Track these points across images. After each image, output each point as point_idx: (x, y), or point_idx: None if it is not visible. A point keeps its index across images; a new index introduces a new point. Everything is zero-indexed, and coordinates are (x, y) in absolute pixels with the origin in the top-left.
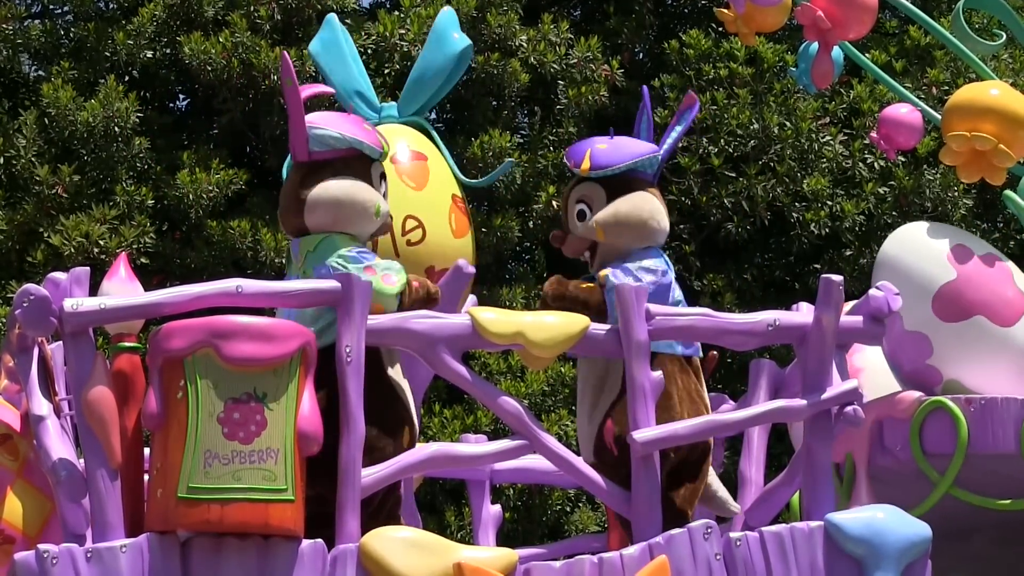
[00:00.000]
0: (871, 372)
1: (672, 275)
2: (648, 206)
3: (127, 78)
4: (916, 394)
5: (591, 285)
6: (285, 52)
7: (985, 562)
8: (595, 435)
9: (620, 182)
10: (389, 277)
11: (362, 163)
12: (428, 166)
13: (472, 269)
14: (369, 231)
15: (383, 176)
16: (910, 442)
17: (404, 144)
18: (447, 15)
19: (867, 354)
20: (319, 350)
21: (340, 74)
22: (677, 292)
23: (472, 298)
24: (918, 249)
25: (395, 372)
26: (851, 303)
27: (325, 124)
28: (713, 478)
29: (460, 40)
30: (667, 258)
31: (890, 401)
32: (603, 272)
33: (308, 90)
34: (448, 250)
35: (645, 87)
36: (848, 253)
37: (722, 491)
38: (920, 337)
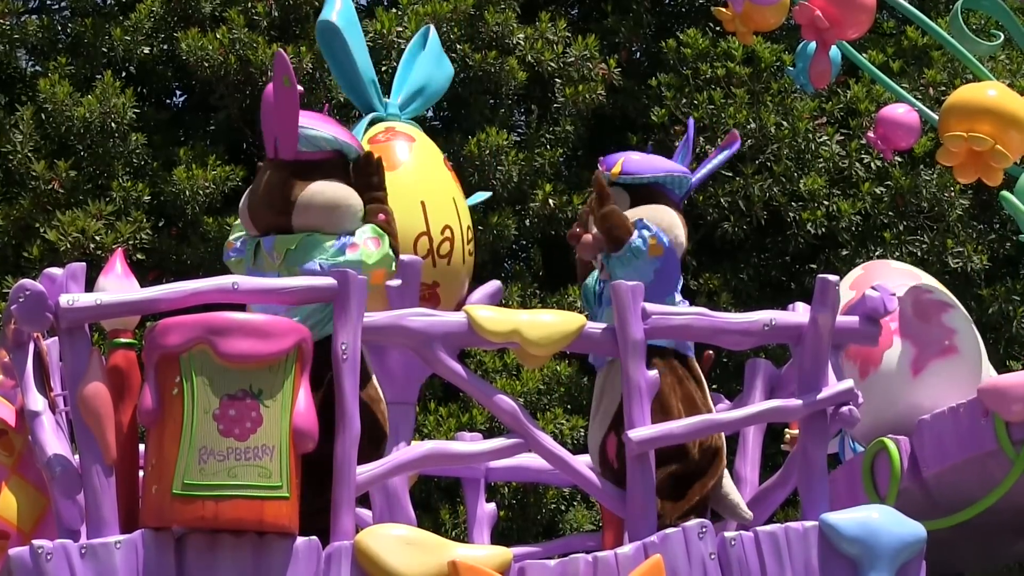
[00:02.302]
0: (964, 334)
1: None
2: (668, 218)
3: (124, 74)
4: None
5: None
6: (282, 51)
7: None
8: (599, 444)
9: (646, 192)
10: (374, 243)
11: (344, 165)
12: None
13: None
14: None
15: None
16: None
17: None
18: (433, 33)
19: (960, 312)
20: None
21: (362, 59)
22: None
23: (497, 284)
24: None
25: (373, 387)
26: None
27: (315, 125)
28: (728, 483)
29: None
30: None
31: None
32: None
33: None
34: None
35: (691, 120)
36: (844, 253)
37: (734, 495)
38: None
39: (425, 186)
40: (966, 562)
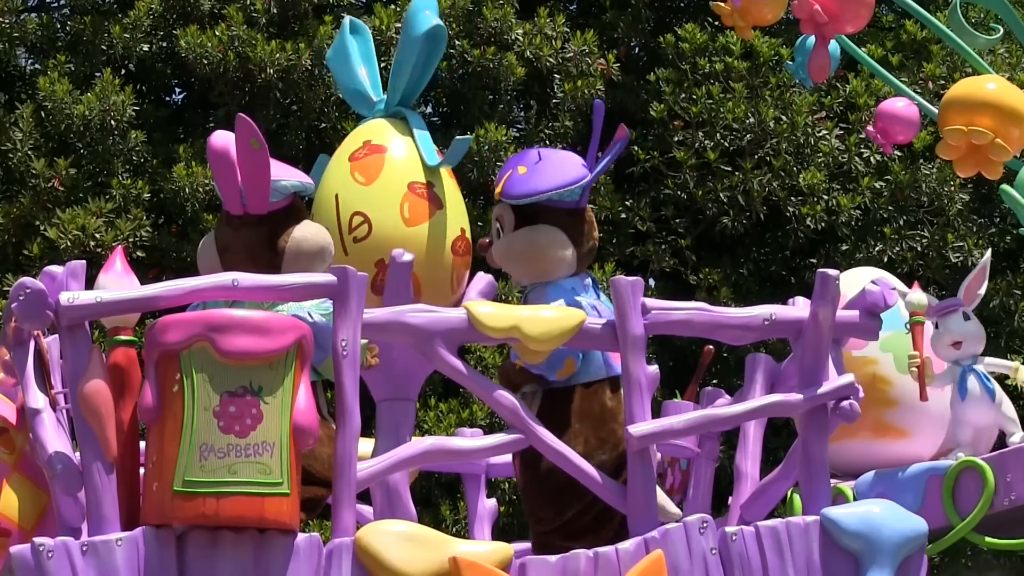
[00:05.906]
0: None
1: (592, 308)
2: (543, 240)
3: (123, 71)
4: None
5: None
6: (243, 115)
7: None
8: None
9: (530, 211)
10: None
11: (302, 203)
12: (385, 158)
13: (407, 256)
14: None
15: None
16: None
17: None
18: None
19: None
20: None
21: (344, 76)
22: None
23: (488, 278)
24: None
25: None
26: None
27: (276, 174)
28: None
29: (428, 19)
30: (580, 293)
31: None
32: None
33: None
34: (397, 241)
35: (598, 101)
36: (844, 248)
37: (660, 497)
38: None
39: None
40: None
